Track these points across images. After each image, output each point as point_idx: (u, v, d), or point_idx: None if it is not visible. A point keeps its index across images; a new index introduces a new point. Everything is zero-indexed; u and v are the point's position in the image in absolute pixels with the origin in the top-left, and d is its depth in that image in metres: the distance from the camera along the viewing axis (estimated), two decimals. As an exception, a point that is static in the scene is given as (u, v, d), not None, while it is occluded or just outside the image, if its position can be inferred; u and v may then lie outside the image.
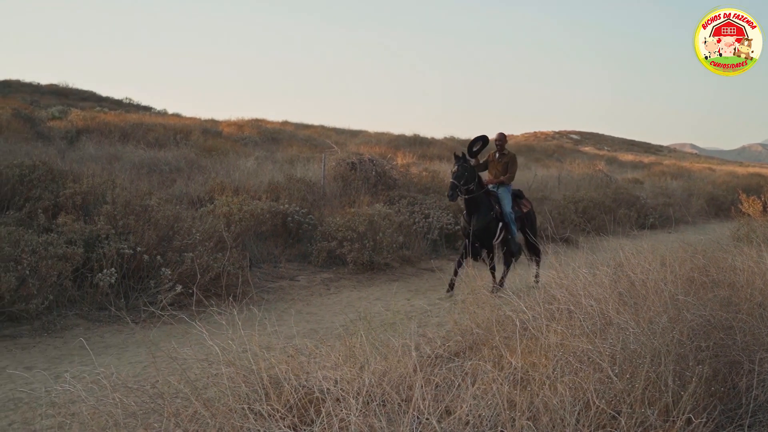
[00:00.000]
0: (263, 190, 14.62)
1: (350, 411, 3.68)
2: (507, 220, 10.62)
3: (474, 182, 10.28)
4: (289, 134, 34.71)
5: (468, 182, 10.18)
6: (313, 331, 8.25)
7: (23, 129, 20.90)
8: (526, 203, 11.39)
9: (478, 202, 10.40)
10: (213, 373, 4.31)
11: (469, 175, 10.20)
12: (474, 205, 10.43)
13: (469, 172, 10.21)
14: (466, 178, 10.15)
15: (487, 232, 10.43)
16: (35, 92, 45.82)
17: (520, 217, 11.02)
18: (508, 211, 10.70)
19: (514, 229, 10.72)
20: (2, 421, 5.42)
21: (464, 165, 10.22)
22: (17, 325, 7.88)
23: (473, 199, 10.39)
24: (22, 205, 9.76)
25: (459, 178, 10.11)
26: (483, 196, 10.47)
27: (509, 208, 10.74)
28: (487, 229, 10.41)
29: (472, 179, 10.26)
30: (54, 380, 6.02)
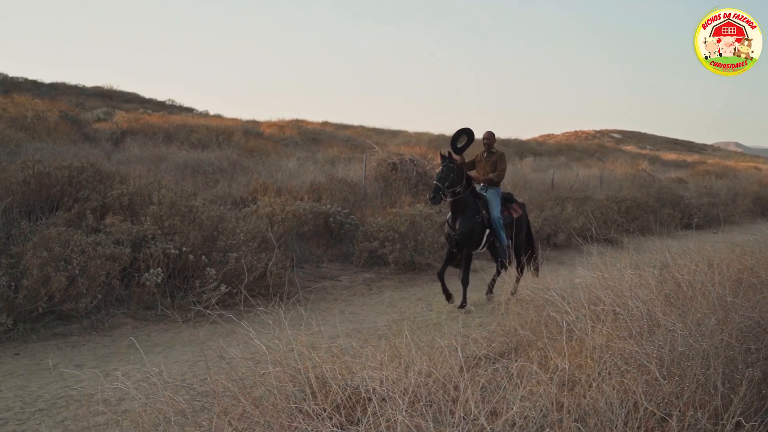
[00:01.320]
0: (305, 190, 14.72)
1: (397, 411, 3.70)
2: (495, 226, 9.83)
3: (461, 184, 9.49)
4: (330, 135, 34.88)
5: (454, 184, 9.39)
6: (356, 330, 8.29)
7: (70, 131, 21.32)
8: (517, 208, 10.52)
9: (464, 204, 9.62)
10: (260, 372, 4.35)
11: (456, 177, 9.40)
12: (460, 208, 9.64)
13: (455, 173, 9.41)
14: (451, 180, 9.35)
15: (470, 237, 9.62)
16: (81, 94, 46.64)
17: (510, 223, 10.14)
18: (496, 216, 9.86)
19: (503, 236, 9.88)
20: (54, 417, 5.54)
21: (450, 166, 9.42)
22: (67, 324, 8.05)
23: (459, 201, 9.59)
24: (71, 206, 9.94)
25: (443, 180, 9.31)
26: (470, 198, 9.68)
27: (498, 213, 9.90)
28: (470, 234, 9.60)
29: (459, 181, 9.46)
30: (104, 378, 6.14)
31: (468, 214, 9.56)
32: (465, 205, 9.58)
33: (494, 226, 9.79)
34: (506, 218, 10.03)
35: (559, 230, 16.32)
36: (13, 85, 44.14)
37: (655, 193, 22.52)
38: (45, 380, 6.44)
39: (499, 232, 9.81)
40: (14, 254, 8.11)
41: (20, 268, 7.88)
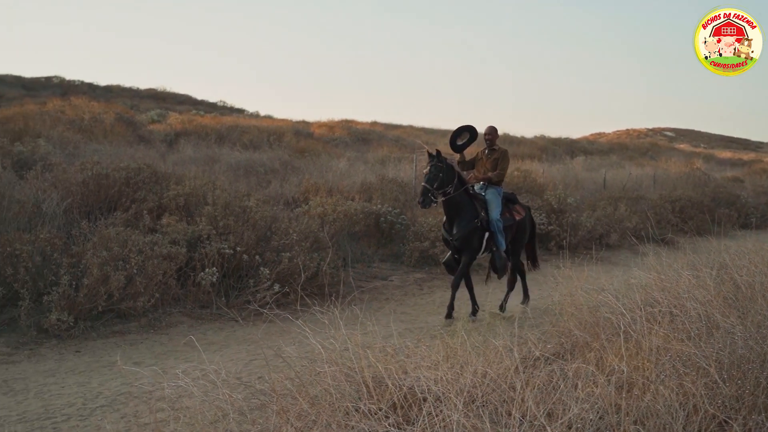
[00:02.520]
0: (356, 190, 14.80)
1: (452, 411, 3.72)
2: (493, 229, 9.05)
3: (452, 184, 8.73)
4: (379, 135, 34.98)
5: (443, 185, 8.65)
6: (408, 330, 8.32)
7: (126, 132, 21.75)
8: (520, 209, 9.72)
9: (459, 205, 8.89)
10: (316, 372, 4.40)
11: (446, 177, 8.65)
12: (454, 209, 8.91)
13: (445, 173, 8.64)
14: (440, 181, 8.61)
15: (469, 242, 8.93)
16: (135, 96, 47.54)
17: (512, 225, 9.42)
18: (495, 218, 9.08)
19: (502, 240, 9.12)
20: (114, 414, 5.67)
21: (438, 165, 8.66)
22: (126, 322, 8.23)
23: (453, 202, 8.85)
24: (128, 207, 10.16)
25: (432, 181, 8.59)
26: (466, 199, 8.94)
27: (497, 215, 9.12)
28: (469, 238, 8.91)
29: (449, 181, 8.70)
30: (162, 375, 6.26)
31: (465, 217, 8.87)
32: (460, 207, 8.87)
33: (492, 229, 9.04)
34: (507, 220, 9.32)
35: (611, 230, 16.15)
36: (70, 88, 45.24)
37: (711, 192, 22.13)
38: (105, 377, 6.59)
39: (497, 236, 9.06)
40: (75, 254, 8.32)
41: (81, 267, 8.08)
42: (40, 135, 17.18)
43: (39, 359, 7.07)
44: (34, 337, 7.52)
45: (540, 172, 21.29)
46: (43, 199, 9.74)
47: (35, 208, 9.47)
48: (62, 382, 6.43)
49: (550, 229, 14.88)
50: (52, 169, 11.50)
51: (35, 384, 6.33)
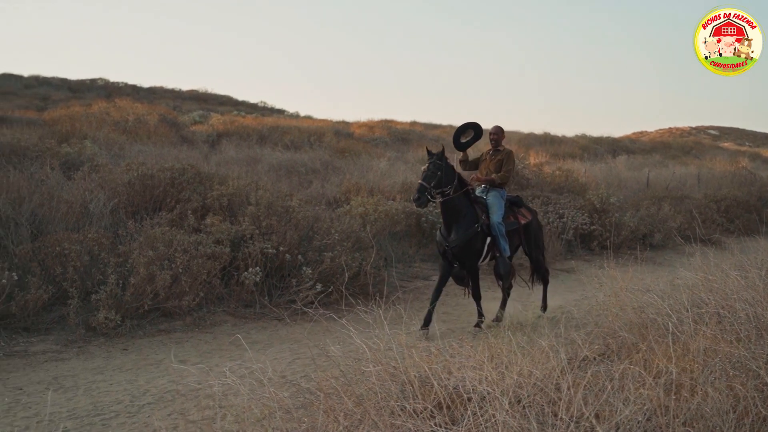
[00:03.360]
0: (397, 190, 14.80)
1: (498, 411, 3.71)
2: (494, 233, 8.49)
3: (451, 185, 8.17)
4: (419, 134, 34.96)
5: (441, 185, 8.08)
6: (450, 331, 8.32)
7: (169, 133, 22.04)
8: (525, 213, 9.17)
9: (457, 208, 8.30)
10: (361, 371, 4.42)
11: (445, 176, 8.10)
12: (452, 213, 8.32)
13: (444, 171, 8.12)
14: (438, 179, 8.05)
15: (469, 249, 8.35)
16: (177, 98, 48.17)
17: (517, 230, 8.88)
18: (496, 221, 8.53)
19: (504, 245, 8.53)
20: (161, 411, 5.75)
21: (437, 163, 8.15)
22: (171, 321, 8.34)
23: (451, 204, 8.25)
24: (173, 207, 10.29)
25: (429, 179, 8.04)
26: (465, 202, 8.38)
27: (499, 218, 8.56)
28: (468, 245, 8.32)
29: (449, 181, 8.15)
30: (207, 374, 6.34)
31: (464, 222, 8.30)
32: (459, 211, 8.30)
33: (494, 233, 8.48)
34: (510, 224, 8.76)
35: (655, 230, 15.95)
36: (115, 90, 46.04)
37: (757, 191, 21.71)
38: (152, 375, 6.70)
39: (500, 241, 8.50)
40: (121, 253, 8.46)
41: (127, 266, 8.21)
42: (86, 136, 17.48)
43: (87, 357, 7.20)
44: (82, 335, 7.66)
45: (582, 172, 21.11)
46: (91, 200, 9.91)
47: (83, 208, 9.65)
48: (110, 379, 6.54)
49: (592, 229, 14.74)
50: (98, 170, 11.70)
51: (84, 381, 6.45)
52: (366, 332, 4.88)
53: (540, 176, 18.18)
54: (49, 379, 6.50)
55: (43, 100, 37.36)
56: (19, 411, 5.68)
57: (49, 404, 5.81)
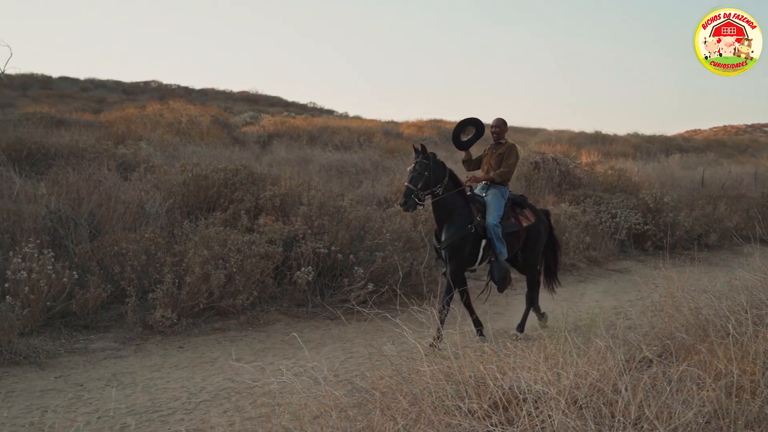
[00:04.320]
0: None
1: (554, 411, 3.69)
2: (490, 236, 7.79)
3: (441, 184, 7.60)
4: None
5: (429, 185, 7.52)
6: (501, 330, 8.28)
7: (221, 134, 22.32)
8: (529, 214, 8.40)
9: (451, 208, 7.72)
10: (415, 370, 4.43)
11: (432, 176, 7.52)
12: (445, 213, 7.73)
13: (432, 171, 7.53)
14: (426, 180, 7.48)
15: (460, 250, 7.71)
16: (228, 99, 48.74)
17: (517, 233, 8.14)
18: (491, 222, 7.79)
19: (501, 247, 7.83)
20: (217, 408, 5.85)
21: (424, 162, 7.55)
22: (225, 319, 8.46)
23: (443, 205, 7.69)
24: (226, 207, 10.42)
25: (416, 180, 7.47)
26: (459, 201, 7.77)
27: (496, 219, 7.84)
28: (459, 245, 7.69)
29: (438, 181, 7.57)
30: (262, 372, 6.42)
31: (457, 221, 7.70)
32: (451, 210, 7.71)
33: (489, 235, 7.79)
34: (510, 226, 8.04)
35: (710, 230, 15.65)
36: (167, 92, 46.74)
37: (818, 190, 21.14)
38: (207, 372, 6.81)
39: (495, 243, 7.79)
40: (177, 253, 8.60)
41: (183, 265, 8.35)
42: (141, 138, 17.83)
43: (145, 354, 7.35)
44: (140, 332, 7.81)
45: (634, 171, 20.82)
46: (146, 200, 10.09)
47: (139, 208, 9.83)
48: (167, 376, 6.67)
49: (646, 229, 14.53)
50: (154, 171, 11.90)
51: (142, 378, 6.58)
52: (420, 332, 4.89)
53: (592, 175, 17.99)
54: (109, 375, 6.66)
55: (99, 102, 38.13)
56: (81, 407, 5.83)
57: (111, 400, 5.95)
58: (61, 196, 9.55)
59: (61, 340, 7.52)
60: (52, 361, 6.97)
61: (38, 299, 7.39)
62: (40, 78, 47.01)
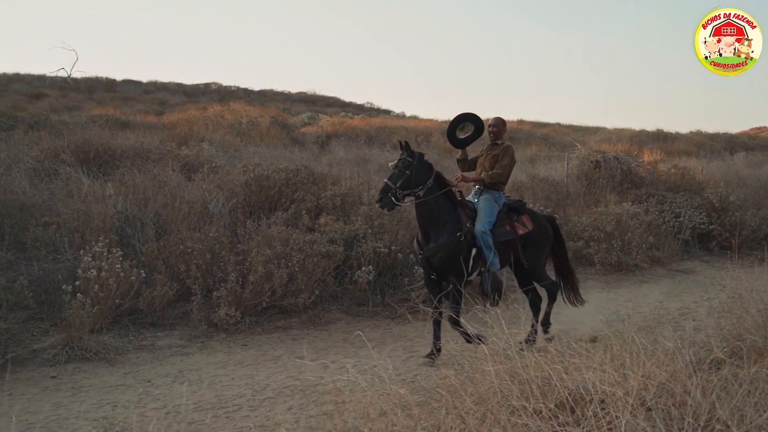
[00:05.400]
0: (507, 190, 14.65)
1: (621, 412, 3.65)
2: (480, 244, 7.10)
3: (423, 185, 6.94)
4: (527, 133, 34.54)
5: (410, 185, 6.88)
6: (563, 331, 8.19)
7: (281, 135, 22.53)
8: (527, 221, 7.69)
9: (435, 212, 7.02)
10: (480, 369, 4.42)
11: (415, 175, 6.89)
12: (429, 218, 7.03)
13: (415, 170, 6.90)
14: (406, 179, 6.85)
15: (451, 261, 6.98)
16: (286, 100, 49.15)
17: (512, 241, 7.43)
18: (480, 230, 7.09)
19: (492, 257, 7.11)
20: (281, 406, 5.92)
21: (407, 161, 6.93)
22: (287, 318, 8.57)
23: (427, 208, 6.99)
24: (288, 207, 10.54)
25: (395, 179, 6.86)
26: (446, 205, 7.09)
27: (485, 226, 7.13)
28: (449, 257, 6.96)
29: (420, 182, 6.91)
30: (324, 370, 6.47)
31: (444, 229, 7.01)
32: (438, 216, 7.03)
33: (479, 244, 7.10)
34: (503, 234, 7.35)
35: (779, 230, 15.23)
36: (227, 94, 47.42)
37: None
38: (271, 370, 6.90)
39: (485, 252, 7.09)
40: (240, 252, 8.73)
41: (246, 264, 8.46)
42: (203, 139, 18.10)
43: (210, 352, 7.48)
44: (204, 330, 7.96)
45: (698, 169, 20.37)
46: (210, 200, 10.25)
47: (203, 208, 10.00)
48: (232, 373, 6.78)
49: (711, 229, 14.21)
50: (216, 171, 12.09)
51: (208, 375, 6.71)
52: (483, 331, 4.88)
53: (654, 174, 17.67)
54: (175, 372, 6.80)
55: (161, 104, 38.83)
56: (149, 402, 5.97)
57: (178, 396, 6.07)
58: (128, 197, 9.78)
59: (129, 337, 7.71)
60: (121, 358, 7.16)
61: (107, 297, 7.58)
62: (105, 81, 48.11)
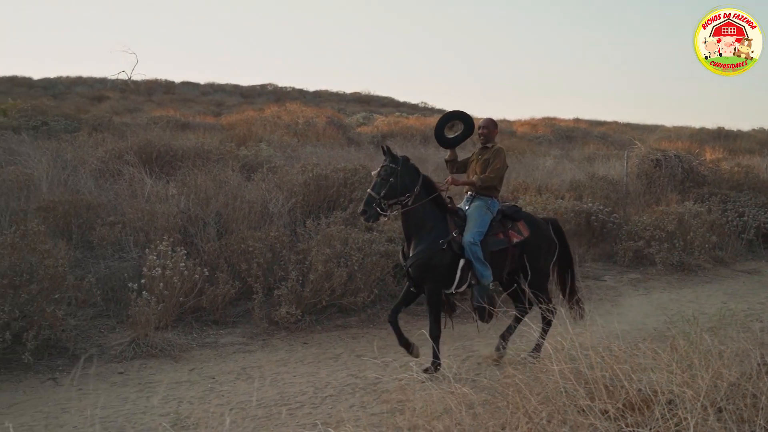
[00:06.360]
0: (565, 188, 14.55)
1: (690, 413, 3.60)
2: (468, 256, 6.58)
3: (410, 193, 6.52)
4: (583, 132, 34.13)
5: (396, 194, 6.48)
6: (626, 332, 8.07)
7: (337, 135, 22.65)
8: (522, 228, 7.09)
9: (422, 220, 6.59)
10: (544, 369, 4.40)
11: (400, 183, 6.47)
12: (414, 226, 6.61)
13: (399, 177, 6.47)
14: (390, 188, 6.45)
15: (432, 270, 6.55)
16: (341, 100, 49.42)
17: (505, 250, 6.88)
18: (468, 240, 6.59)
19: (483, 269, 6.61)
20: (342, 404, 5.98)
21: (390, 167, 6.48)
22: (346, 317, 8.64)
23: (413, 216, 6.58)
24: (346, 206, 10.60)
25: (378, 188, 6.45)
26: (433, 212, 6.65)
27: (474, 237, 6.61)
28: (429, 265, 6.53)
29: (406, 189, 6.50)
30: (383, 368, 6.50)
31: (426, 237, 6.55)
32: (423, 223, 6.58)
33: (467, 255, 6.59)
34: (496, 243, 6.84)
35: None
36: (283, 95, 47.92)
37: None
38: (332, 368, 6.97)
39: (474, 264, 6.60)
40: (300, 251, 8.82)
41: (306, 263, 8.55)
42: (261, 139, 18.31)
43: (271, 349, 7.59)
44: (266, 328, 8.07)
45: (762, 168, 19.90)
46: (269, 199, 10.38)
47: (263, 207, 10.13)
48: (293, 371, 6.86)
49: (778, 229, 13.90)
50: (275, 171, 12.22)
51: (270, 372, 6.80)
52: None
53: (717, 173, 17.32)
54: (238, 369, 6.92)
55: (218, 105, 39.36)
56: (213, 398, 6.08)
57: (242, 393, 6.18)
58: (190, 196, 9.96)
59: (193, 334, 7.87)
60: (186, 355, 7.30)
61: (172, 295, 7.74)
62: (164, 83, 49.06)
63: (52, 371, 6.74)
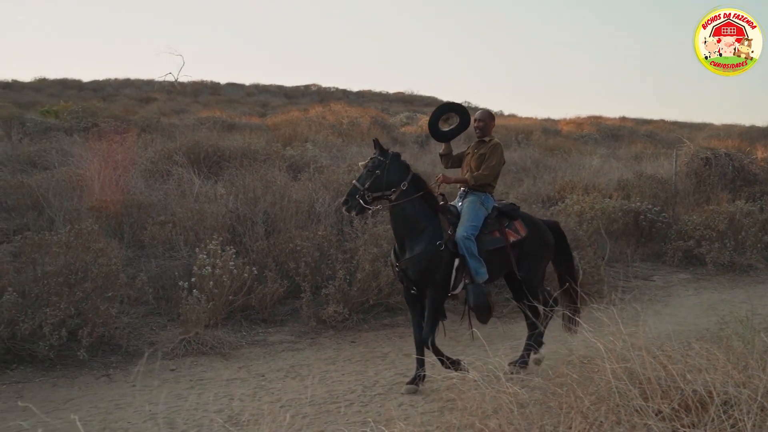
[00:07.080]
0: (612, 188, 14.40)
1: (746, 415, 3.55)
2: (462, 252, 6.28)
3: (396, 188, 6.26)
4: (630, 130, 33.72)
5: (381, 187, 6.23)
6: (677, 332, 7.98)
7: (381, 135, 22.67)
8: (520, 227, 6.74)
9: (412, 218, 6.30)
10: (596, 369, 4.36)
11: (387, 176, 6.23)
12: (405, 224, 6.32)
13: (387, 171, 6.23)
14: (376, 180, 6.21)
15: (429, 274, 6.26)
16: (384, 100, 49.49)
17: (502, 249, 6.56)
18: (461, 235, 6.32)
19: (477, 266, 6.32)
20: (392, 402, 6.03)
21: (378, 160, 6.27)
22: (393, 316, 8.67)
23: (402, 213, 6.29)
24: (392, 205, 10.61)
25: (363, 179, 6.24)
26: (423, 210, 6.37)
27: (468, 231, 6.35)
28: (428, 269, 6.25)
29: (392, 184, 6.25)
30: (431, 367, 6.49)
31: (421, 237, 6.27)
32: (414, 222, 6.30)
33: (461, 252, 6.30)
34: (492, 242, 6.52)
35: None
36: (327, 95, 48.21)
37: None
38: (379, 367, 6.99)
39: (468, 262, 6.30)
40: (347, 250, 8.87)
41: (353, 263, 8.59)
42: (306, 139, 18.45)
43: (319, 348, 7.65)
44: (314, 327, 8.14)
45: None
46: (316, 199, 10.44)
47: (310, 207, 10.19)
48: (342, 369, 6.90)
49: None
50: (321, 171, 12.29)
51: (318, 370, 6.85)
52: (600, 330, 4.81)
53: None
54: (287, 367, 6.98)
55: (263, 106, 39.71)
56: (264, 396, 6.15)
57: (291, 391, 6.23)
58: (238, 196, 10.07)
59: (242, 332, 7.96)
60: (235, 352, 7.39)
61: (221, 293, 7.84)
62: (210, 85, 49.71)
63: (106, 368, 6.88)
